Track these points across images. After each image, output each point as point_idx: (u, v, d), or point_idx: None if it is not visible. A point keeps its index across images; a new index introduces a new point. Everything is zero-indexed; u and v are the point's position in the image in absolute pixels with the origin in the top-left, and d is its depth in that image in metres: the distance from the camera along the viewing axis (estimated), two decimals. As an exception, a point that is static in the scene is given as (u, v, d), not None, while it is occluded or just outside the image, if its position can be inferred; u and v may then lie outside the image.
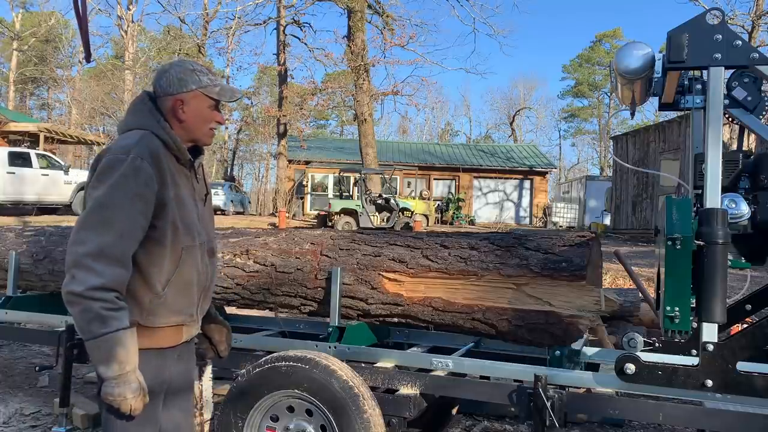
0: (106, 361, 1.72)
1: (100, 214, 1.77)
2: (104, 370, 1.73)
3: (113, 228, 1.75)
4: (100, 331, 1.70)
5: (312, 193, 30.62)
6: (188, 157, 1.97)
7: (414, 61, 25.51)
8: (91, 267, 1.71)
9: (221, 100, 1.98)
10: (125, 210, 1.77)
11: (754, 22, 21.72)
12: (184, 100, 1.93)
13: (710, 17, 2.32)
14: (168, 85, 1.93)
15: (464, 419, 4.08)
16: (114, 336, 1.71)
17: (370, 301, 2.94)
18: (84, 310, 1.70)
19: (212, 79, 1.97)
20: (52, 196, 16.72)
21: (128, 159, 1.79)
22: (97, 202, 1.78)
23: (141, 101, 1.98)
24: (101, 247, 1.73)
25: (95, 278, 1.70)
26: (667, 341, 2.37)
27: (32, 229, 4.14)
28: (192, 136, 1.98)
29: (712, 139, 2.33)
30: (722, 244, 2.25)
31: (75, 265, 1.72)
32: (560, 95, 61.55)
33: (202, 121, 1.97)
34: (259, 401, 2.68)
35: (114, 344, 1.71)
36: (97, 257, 1.72)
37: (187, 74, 1.94)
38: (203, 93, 1.95)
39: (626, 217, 21.56)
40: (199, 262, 2.00)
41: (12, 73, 41.62)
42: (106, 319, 1.71)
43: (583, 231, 3.12)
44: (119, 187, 1.77)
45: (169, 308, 1.91)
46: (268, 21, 28.64)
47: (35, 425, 3.94)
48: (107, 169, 1.80)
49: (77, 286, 1.70)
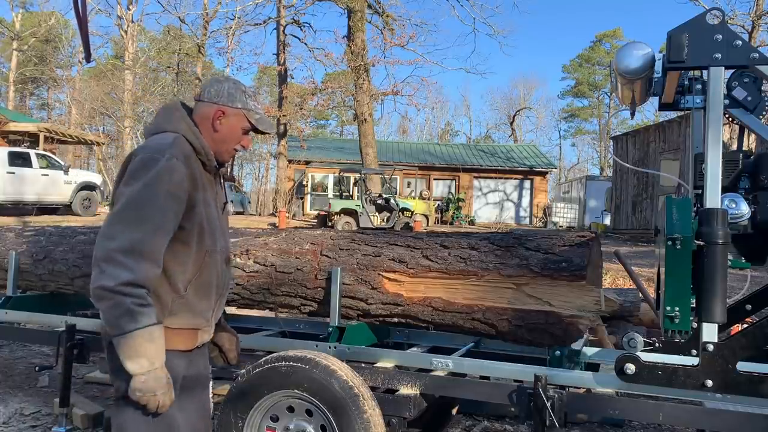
0: (135, 356, 1.72)
1: (134, 211, 1.77)
2: (133, 366, 1.73)
3: (146, 224, 1.76)
4: (130, 326, 1.70)
5: (312, 193, 30.62)
6: (215, 164, 2.01)
7: (414, 61, 25.57)
8: (122, 262, 1.71)
9: (257, 127, 2.05)
10: (158, 207, 1.78)
11: (754, 22, 21.71)
12: (227, 113, 1.99)
13: (710, 17, 2.32)
14: (218, 94, 1.99)
15: (464, 419, 4.08)
16: (144, 332, 1.72)
17: (370, 301, 2.94)
18: (115, 305, 1.70)
19: (256, 106, 2.05)
20: (52, 196, 16.74)
21: (163, 158, 1.81)
22: (131, 199, 1.78)
23: (174, 106, 2.02)
24: (133, 242, 1.73)
25: (127, 273, 1.70)
26: (667, 341, 2.37)
27: (32, 229, 4.14)
28: (216, 149, 2.01)
29: (712, 139, 2.32)
30: (722, 244, 2.25)
31: (106, 260, 1.72)
32: (560, 95, 61.62)
33: (232, 139, 2.03)
34: (259, 401, 2.68)
35: (144, 340, 1.72)
36: (129, 252, 1.72)
37: (238, 93, 2.01)
38: (245, 115, 2.02)
39: (626, 217, 21.55)
40: (219, 266, 2.03)
41: (12, 73, 41.61)
42: (136, 315, 1.71)
43: (583, 231, 3.12)
44: (154, 185, 1.79)
45: (189, 310, 1.93)
46: (268, 21, 28.65)
47: (35, 425, 3.94)
48: (141, 167, 1.81)
49: (108, 280, 1.70)
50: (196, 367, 2.07)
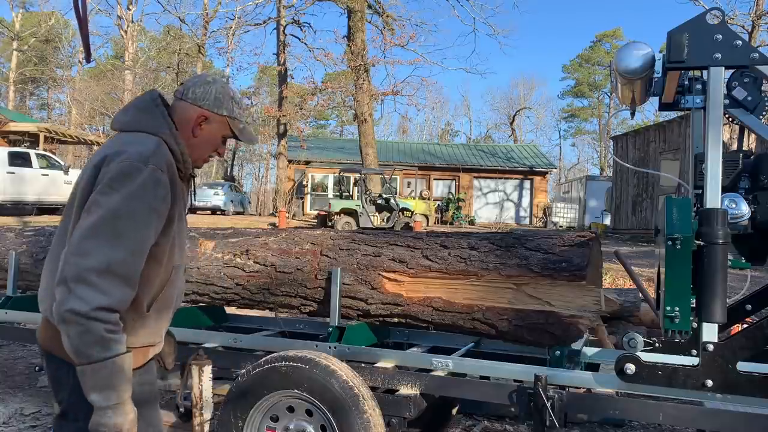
0: (103, 388, 1.55)
1: (112, 225, 1.59)
2: (99, 399, 1.56)
3: (125, 242, 1.59)
4: (101, 355, 1.54)
5: (312, 193, 30.63)
6: (190, 171, 1.88)
7: (414, 61, 25.49)
8: (96, 284, 1.53)
9: (239, 138, 1.93)
10: (141, 224, 1.62)
11: (754, 22, 21.72)
12: (210, 119, 1.86)
13: (710, 17, 2.32)
14: (204, 96, 1.85)
15: (464, 419, 4.08)
16: (115, 361, 1.56)
17: (370, 301, 2.94)
18: (85, 331, 1.52)
19: (242, 115, 1.93)
20: (52, 196, 16.72)
21: (147, 169, 1.65)
22: (109, 211, 1.59)
23: (152, 101, 1.85)
24: (110, 262, 1.55)
25: (102, 297, 1.53)
26: (667, 341, 2.37)
27: (32, 229, 4.14)
28: (190, 153, 1.86)
29: (712, 139, 2.32)
30: (722, 244, 2.25)
31: (77, 280, 1.53)
32: (560, 95, 61.66)
33: (210, 145, 1.90)
34: (259, 401, 2.68)
35: (114, 370, 1.56)
36: (104, 273, 1.55)
37: (226, 98, 1.88)
38: (229, 123, 1.89)
39: (626, 217, 21.56)
40: (180, 281, 1.91)
41: (12, 73, 41.64)
42: (108, 343, 1.55)
43: (583, 231, 3.12)
44: (137, 198, 1.62)
45: (148, 329, 1.78)
46: (268, 21, 28.71)
47: (35, 425, 3.94)
48: (123, 177, 1.63)
49: (80, 305, 1.51)
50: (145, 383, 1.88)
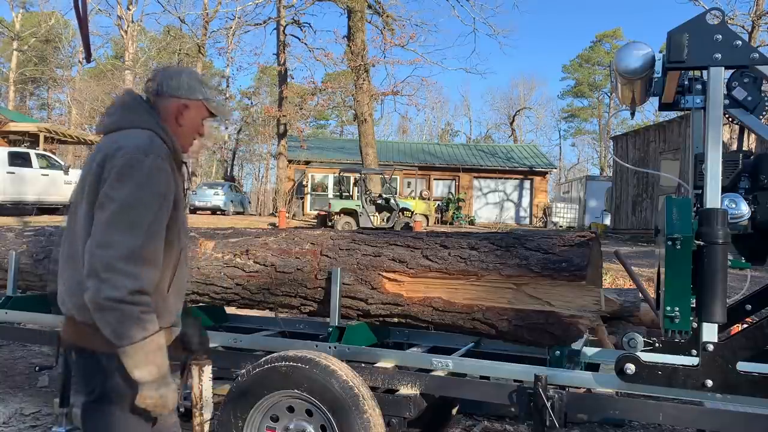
0: (146, 364, 1.71)
1: (127, 215, 1.73)
2: (144, 375, 1.72)
3: (142, 228, 1.73)
4: (140, 335, 1.69)
5: (312, 193, 30.62)
6: (182, 159, 1.98)
7: (414, 61, 25.47)
8: (126, 270, 1.68)
9: (218, 115, 2.05)
10: (152, 210, 1.76)
11: (754, 22, 21.72)
12: (189, 106, 1.97)
13: (710, 17, 2.32)
14: (178, 87, 1.96)
15: (464, 419, 4.08)
16: (153, 339, 1.71)
17: (370, 301, 2.94)
18: (123, 315, 1.67)
19: (214, 94, 2.04)
20: (52, 196, 16.72)
21: (148, 159, 1.78)
22: (123, 203, 1.73)
23: (135, 100, 1.96)
24: (132, 248, 1.70)
25: (133, 282, 1.68)
26: (667, 341, 2.37)
27: (32, 229, 4.14)
28: (180, 142, 1.98)
29: (712, 139, 2.32)
30: (722, 244, 2.25)
31: (107, 270, 1.67)
32: (560, 95, 61.59)
33: (193, 130, 2.01)
34: (259, 401, 2.68)
35: (154, 348, 1.72)
36: (130, 260, 1.69)
37: (197, 83, 1.99)
38: (205, 105, 2.00)
39: (626, 217, 21.56)
40: (186, 263, 2.04)
41: (12, 73, 41.63)
42: (145, 323, 1.70)
43: (583, 231, 3.12)
44: (144, 186, 1.75)
45: (169, 310, 1.92)
46: (268, 21, 28.72)
47: (35, 425, 3.94)
48: (128, 169, 1.76)
49: (114, 291, 1.66)
50: None
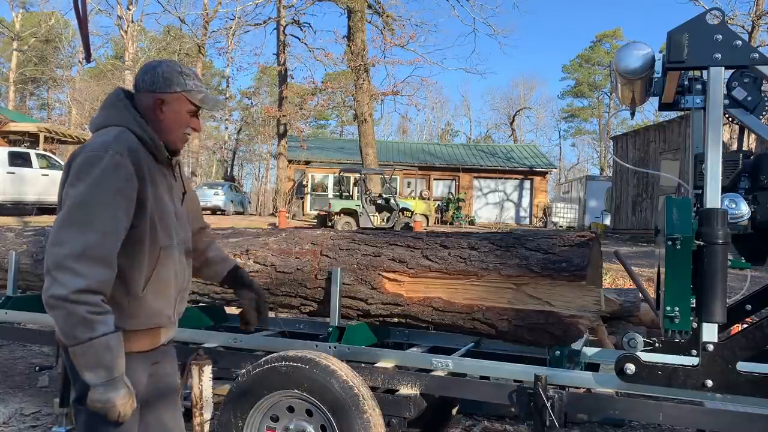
0: (93, 367, 1.66)
1: (81, 213, 1.70)
2: (91, 377, 1.66)
3: (95, 226, 1.69)
4: (86, 336, 1.64)
5: (312, 193, 30.62)
6: (165, 154, 1.92)
7: (414, 61, 25.48)
8: (73, 269, 1.64)
9: (203, 107, 1.96)
10: (107, 207, 1.71)
11: (754, 22, 21.73)
12: (166, 100, 1.90)
13: (710, 17, 2.32)
14: (152, 82, 1.90)
15: (464, 419, 4.08)
16: (101, 341, 1.65)
17: (370, 301, 2.94)
18: (68, 314, 1.63)
19: (197, 85, 1.95)
20: (52, 196, 16.66)
21: (107, 155, 1.73)
22: (77, 201, 1.71)
23: (115, 97, 1.92)
24: (84, 247, 1.66)
25: (79, 280, 1.63)
26: (667, 341, 2.37)
27: (32, 229, 4.14)
28: (165, 138, 1.92)
29: (712, 139, 2.32)
30: (722, 244, 2.25)
31: (56, 268, 1.64)
32: (560, 95, 61.60)
33: (178, 124, 1.93)
34: (259, 401, 2.68)
35: (101, 349, 1.65)
36: (80, 258, 1.65)
37: (173, 75, 1.91)
38: (186, 97, 1.92)
39: (626, 217, 21.56)
40: (177, 262, 1.95)
41: (12, 73, 41.64)
42: (92, 324, 1.64)
43: (583, 231, 3.12)
44: (100, 184, 1.71)
45: (148, 310, 1.86)
46: (268, 21, 28.72)
47: (35, 425, 3.94)
48: (86, 167, 1.74)
49: (60, 289, 1.62)
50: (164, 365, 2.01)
